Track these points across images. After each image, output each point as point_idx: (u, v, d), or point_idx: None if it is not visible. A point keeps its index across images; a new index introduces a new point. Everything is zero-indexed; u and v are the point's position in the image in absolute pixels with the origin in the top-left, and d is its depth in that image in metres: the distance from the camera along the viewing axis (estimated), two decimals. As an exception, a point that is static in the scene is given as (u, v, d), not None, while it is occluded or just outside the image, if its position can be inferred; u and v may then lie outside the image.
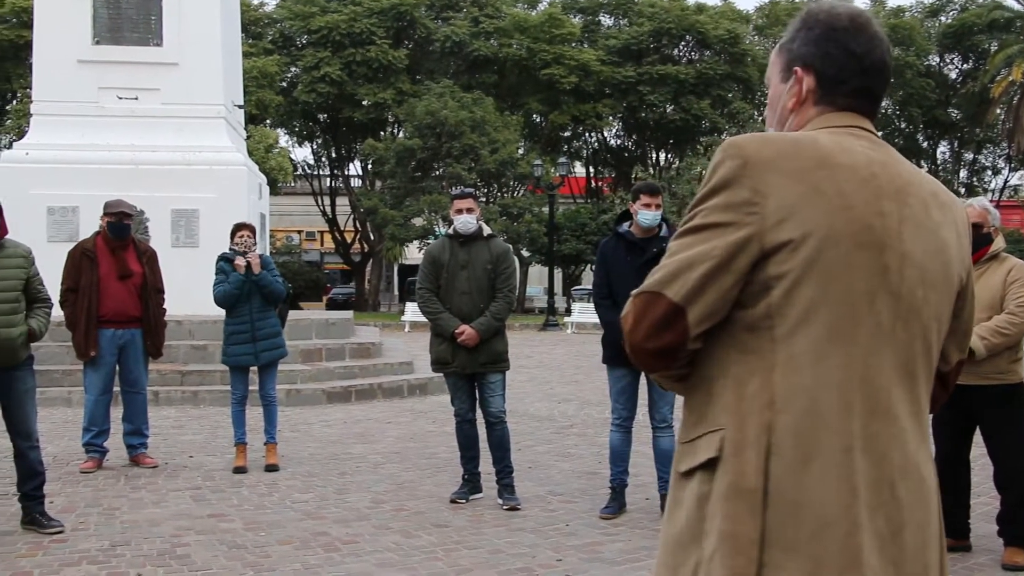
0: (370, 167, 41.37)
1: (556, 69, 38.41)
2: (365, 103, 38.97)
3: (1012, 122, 38.03)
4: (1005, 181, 46.07)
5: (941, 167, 46.00)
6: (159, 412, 10.12)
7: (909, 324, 1.71)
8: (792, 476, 1.61)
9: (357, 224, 43.26)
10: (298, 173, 44.27)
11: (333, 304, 42.00)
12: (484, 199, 36.02)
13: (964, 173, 46.55)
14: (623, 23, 43.01)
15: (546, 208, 34.42)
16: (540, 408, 11.76)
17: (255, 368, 7.92)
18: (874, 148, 1.76)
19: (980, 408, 5.35)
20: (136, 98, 14.13)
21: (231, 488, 7.09)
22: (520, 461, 7.51)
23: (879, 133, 1.84)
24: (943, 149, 46.71)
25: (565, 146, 44.06)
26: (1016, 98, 37.41)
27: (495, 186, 38.76)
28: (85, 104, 13.93)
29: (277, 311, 7.97)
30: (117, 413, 8.09)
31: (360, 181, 44.51)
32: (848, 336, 1.65)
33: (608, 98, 40.59)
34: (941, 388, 1.89)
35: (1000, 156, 46.06)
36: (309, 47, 38.85)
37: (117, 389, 8.04)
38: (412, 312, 28.31)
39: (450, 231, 6.85)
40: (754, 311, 1.66)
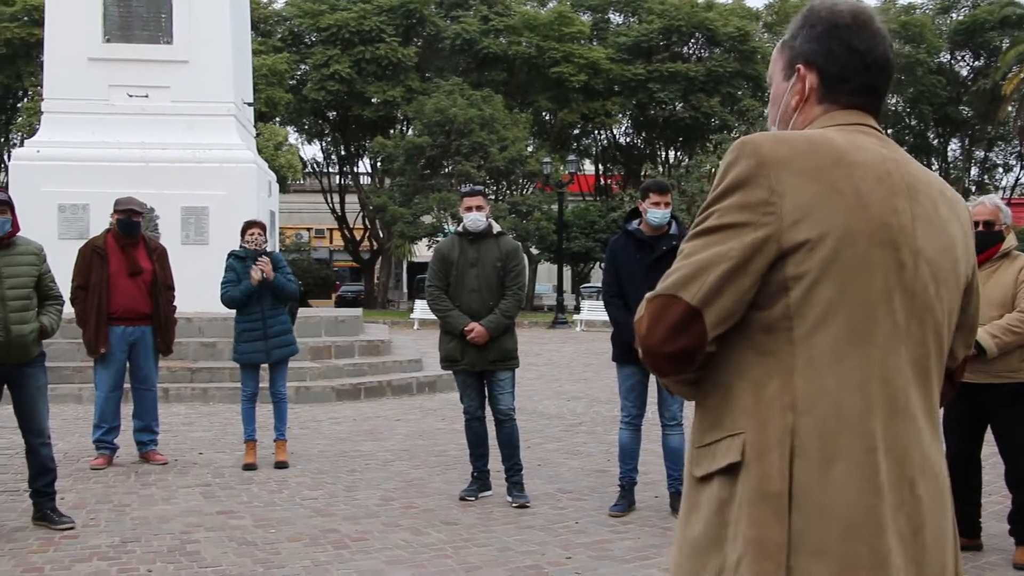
0: (379, 165, 41.40)
1: (565, 67, 38.38)
2: (374, 101, 39.02)
3: (1023, 120, 37.86)
4: (1016, 179, 45.86)
5: (952, 165, 45.80)
6: (169, 409, 10.15)
7: (923, 322, 1.71)
8: (817, 478, 1.59)
9: (366, 222, 43.31)
10: (307, 171, 44.33)
11: (342, 302, 42.06)
12: (493, 197, 36.00)
13: (975, 171, 46.38)
14: (632, 21, 42.97)
15: (555, 206, 34.42)
16: (549, 406, 11.76)
17: (265, 365, 7.95)
18: (884, 146, 1.76)
19: (991, 407, 5.33)
20: (146, 96, 14.16)
21: (241, 485, 7.11)
22: (529, 459, 7.51)
23: (889, 131, 1.83)
24: (954, 147, 46.51)
25: (574, 144, 44.01)
26: (1027, 95, 37.26)
27: (504, 184, 38.75)
28: (96, 102, 13.96)
29: (287, 308, 7.99)
30: (127, 410, 8.12)
31: (369, 179, 44.54)
32: (867, 336, 1.64)
33: (617, 96, 40.55)
34: (948, 385, 1.89)
35: (1011, 154, 45.89)
36: (318, 45, 38.91)
37: (127, 386, 8.07)
38: (421, 310, 28.33)
39: (459, 229, 6.86)
40: (771, 312, 1.64)
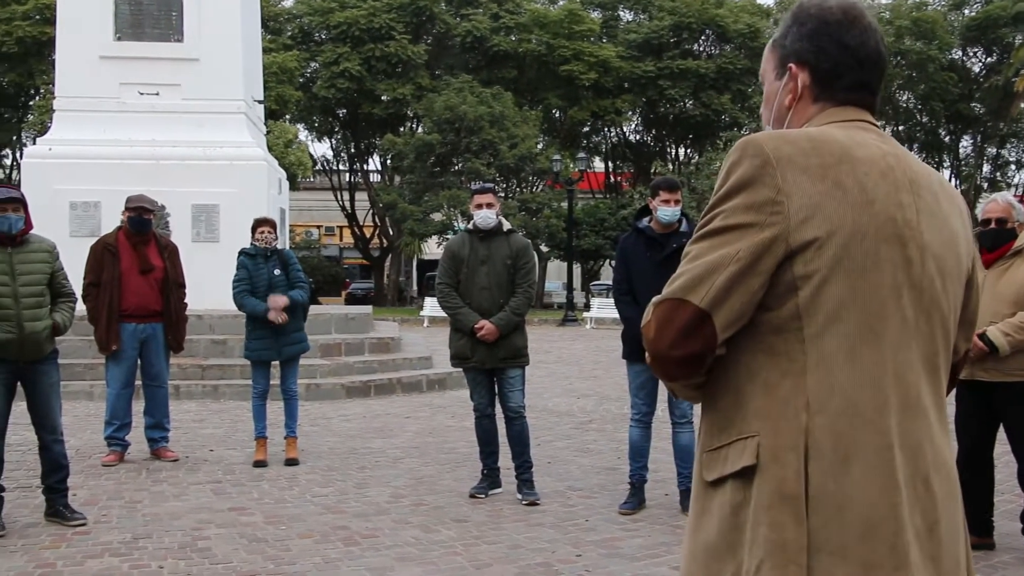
0: (389, 162, 41.46)
1: (575, 65, 38.35)
2: (384, 98, 39.06)
3: (1035, 116, 37.70)
4: (1029, 176, 45.73)
5: (964, 162, 45.59)
6: (180, 406, 10.19)
7: (931, 317, 1.70)
8: (834, 478, 1.58)
9: (376, 219, 43.37)
10: (317, 168, 44.45)
11: (352, 299, 42.13)
12: (503, 194, 35.99)
13: (987, 168, 46.11)
14: (643, 18, 42.91)
15: (565, 203, 34.39)
16: (559, 403, 11.75)
17: (276, 362, 7.96)
18: (883, 141, 1.75)
19: (1003, 405, 5.31)
20: (157, 94, 14.21)
21: (251, 482, 7.13)
22: (539, 456, 7.51)
23: (900, 128, 1.82)
24: (966, 143, 46.27)
25: (584, 141, 43.99)
26: (1040, 92, 37.03)
27: (514, 181, 38.75)
28: (107, 100, 14.02)
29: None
30: (139, 407, 8.15)
31: (379, 176, 44.60)
32: (878, 332, 1.63)
33: (627, 93, 40.51)
34: (951, 379, 1.88)
35: (1024, 151, 45.72)
36: (328, 42, 38.97)
37: (139, 383, 8.10)
38: (431, 307, 28.34)
39: (470, 226, 6.86)
40: (781, 312, 1.63)
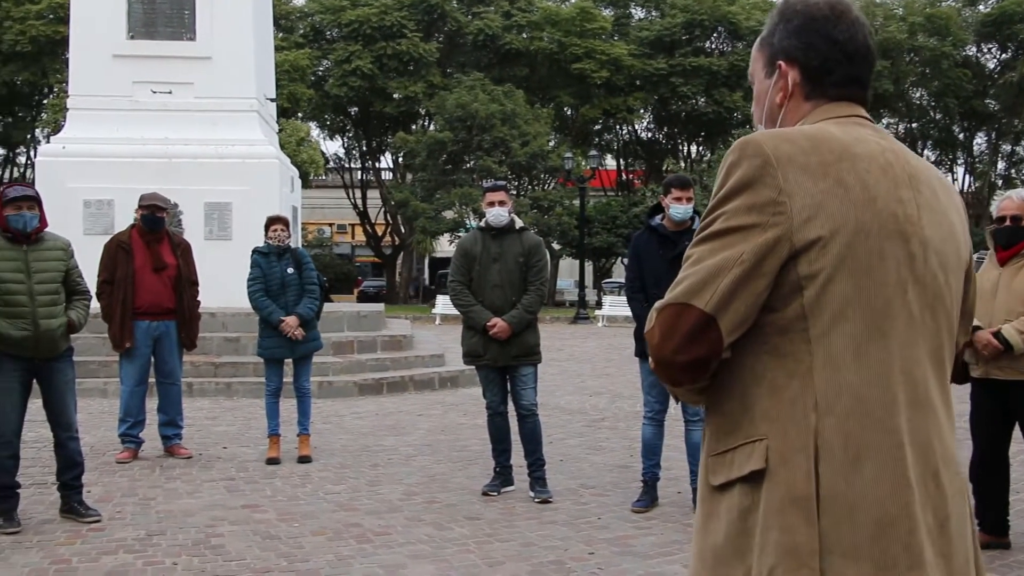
0: (401, 160, 41.50)
1: (587, 63, 38.31)
2: (396, 96, 39.10)
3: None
4: (1044, 173, 45.44)
5: (978, 159, 45.35)
6: (193, 403, 10.22)
7: (936, 311, 1.69)
8: (845, 479, 1.56)
9: (388, 217, 43.44)
10: (329, 166, 44.52)
11: (364, 297, 42.20)
12: (515, 192, 35.99)
13: (1002, 165, 45.87)
14: (655, 15, 42.82)
15: (577, 201, 34.40)
16: (571, 401, 11.75)
17: (289, 360, 7.98)
18: (881, 136, 1.74)
19: (1018, 404, 5.27)
20: (170, 92, 14.24)
21: (264, 479, 7.15)
22: (552, 454, 7.50)
23: (914, 124, 1.80)
24: (980, 140, 46.03)
25: (596, 139, 43.94)
26: (1055, 88, 36.84)
27: (526, 179, 38.75)
28: (120, 98, 14.06)
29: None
30: (152, 404, 8.18)
31: (391, 174, 44.66)
32: (885, 329, 1.62)
33: (639, 90, 40.43)
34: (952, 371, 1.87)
35: (1039, 147, 45.42)
36: (340, 41, 39.04)
37: (152, 380, 8.13)
38: (443, 305, 28.35)
39: (482, 224, 6.86)
40: (785, 313, 1.61)
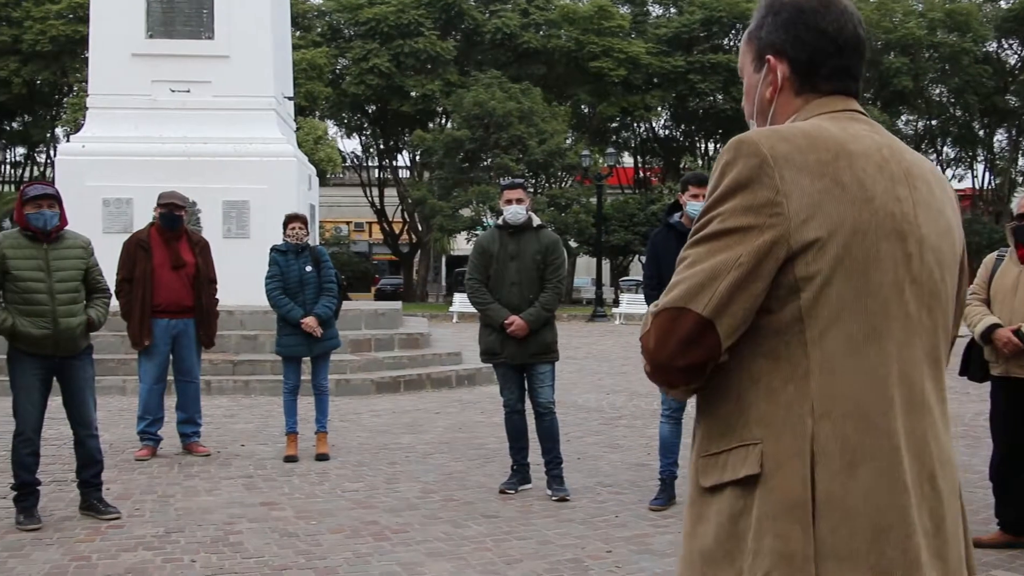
0: (418, 158, 41.56)
1: (605, 62, 38.21)
2: (413, 94, 39.13)
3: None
4: (1065, 170, 45.03)
5: (998, 156, 45.00)
6: (211, 401, 10.26)
7: (932, 310, 1.67)
8: (841, 483, 1.53)
9: (405, 215, 43.49)
10: (347, 164, 44.61)
11: (381, 295, 42.28)
12: (532, 190, 35.98)
13: (1022, 161, 45.50)
14: (672, 12, 42.68)
15: (594, 199, 34.34)
16: (589, 399, 11.73)
17: (306, 358, 8.00)
18: (875, 131, 1.70)
19: (1040, 402, 5.23)
20: (188, 91, 14.31)
21: (282, 477, 7.17)
22: (569, 452, 7.50)
23: (933, 121, 1.77)
24: (1000, 137, 45.67)
25: (613, 136, 43.84)
26: (1077, 84, 36.49)
27: (543, 177, 38.71)
28: (139, 97, 14.14)
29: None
30: (171, 402, 8.22)
31: (408, 172, 44.73)
32: (882, 331, 1.59)
33: (657, 88, 40.30)
34: None
35: (1060, 144, 45.01)
36: (357, 39, 39.10)
37: (171, 378, 8.17)
38: (460, 303, 28.36)
39: (500, 222, 6.85)
40: (782, 315, 1.58)
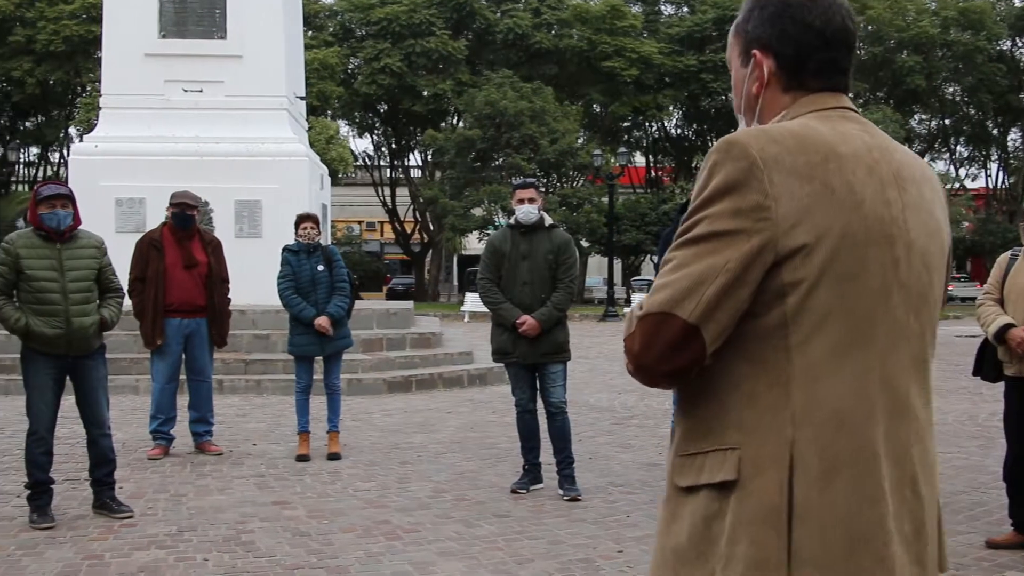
0: (430, 157, 41.60)
1: (617, 61, 38.18)
2: (425, 94, 39.19)
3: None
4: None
5: (1012, 155, 44.79)
6: (223, 400, 10.28)
7: (920, 314, 1.64)
8: (818, 492, 1.51)
9: (417, 214, 43.56)
10: (359, 164, 44.69)
11: (393, 294, 42.34)
12: (543, 189, 35.95)
13: (1037, 160, 45.34)
14: (685, 11, 42.60)
15: (606, 198, 34.31)
16: (600, 399, 11.71)
17: (319, 357, 8.01)
18: (865, 130, 1.67)
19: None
20: (201, 91, 14.35)
21: (294, 476, 7.18)
22: (580, 452, 7.48)
23: (947, 121, 1.74)
24: (1014, 136, 45.49)
25: (625, 136, 43.80)
26: (1092, 83, 36.29)
27: (555, 176, 38.69)
28: (151, 97, 14.19)
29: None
30: (183, 401, 8.23)
31: (420, 171, 44.78)
32: (866, 338, 1.56)
33: (669, 87, 40.23)
34: None
35: (1075, 143, 44.78)
36: (369, 39, 39.17)
37: (183, 377, 8.19)
38: (472, 302, 28.37)
39: (512, 221, 6.84)
40: (766, 320, 1.55)
